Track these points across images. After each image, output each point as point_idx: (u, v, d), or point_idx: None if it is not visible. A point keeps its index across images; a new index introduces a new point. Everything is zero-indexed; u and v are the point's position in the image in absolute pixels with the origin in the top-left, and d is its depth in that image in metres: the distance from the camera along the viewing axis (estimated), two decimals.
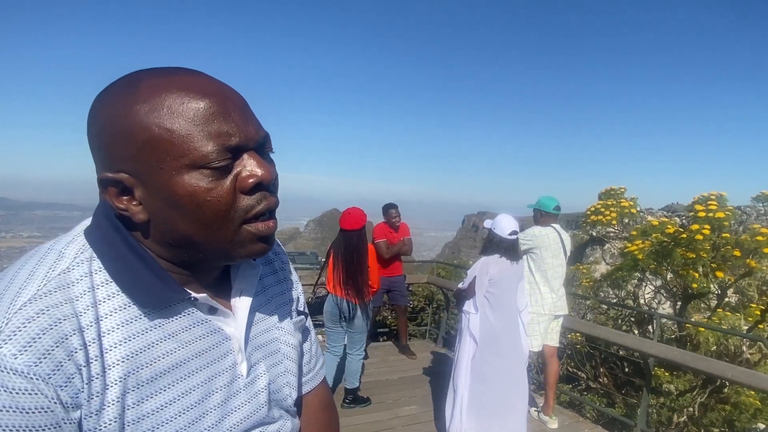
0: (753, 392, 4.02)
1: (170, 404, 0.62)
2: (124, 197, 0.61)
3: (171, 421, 0.62)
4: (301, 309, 0.89)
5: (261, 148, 0.64)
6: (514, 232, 3.21)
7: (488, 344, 3.15)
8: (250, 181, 0.61)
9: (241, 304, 0.73)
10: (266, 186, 0.63)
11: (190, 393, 0.64)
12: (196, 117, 0.58)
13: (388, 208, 5.23)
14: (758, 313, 4.35)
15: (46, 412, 0.53)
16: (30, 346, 0.52)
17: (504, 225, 3.24)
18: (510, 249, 3.20)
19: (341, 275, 3.70)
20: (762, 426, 4.08)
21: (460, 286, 3.38)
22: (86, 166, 0.66)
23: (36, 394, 0.52)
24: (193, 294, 0.65)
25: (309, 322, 0.93)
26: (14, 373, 0.51)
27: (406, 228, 5.38)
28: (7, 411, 0.50)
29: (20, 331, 0.53)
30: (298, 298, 0.88)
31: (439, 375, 4.72)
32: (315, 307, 3.97)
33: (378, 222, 5.32)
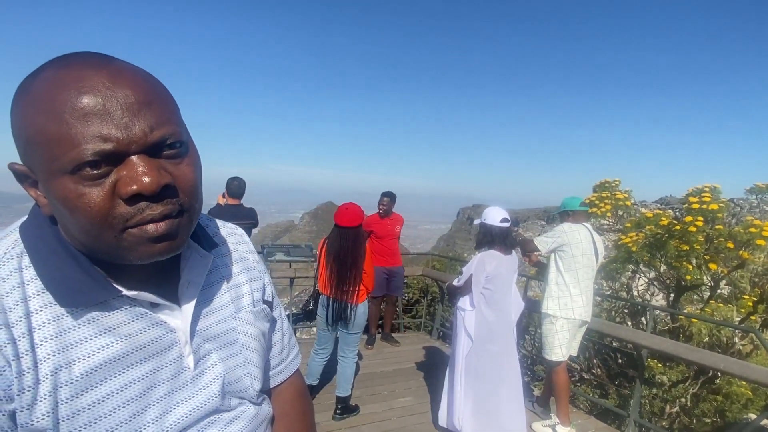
0: (744, 383, 4.06)
1: (108, 398, 0.61)
2: (35, 189, 0.61)
3: (110, 414, 0.61)
4: (268, 299, 0.86)
5: (155, 150, 0.58)
6: (506, 220, 3.20)
7: (483, 341, 3.14)
8: (127, 189, 0.55)
9: (188, 295, 0.71)
10: (149, 196, 0.56)
11: (130, 386, 0.63)
12: (71, 119, 0.53)
13: (381, 196, 5.33)
14: (750, 304, 4.38)
15: None
16: None
17: (494, 214, 3.24)
18: (504, 237, 3.19)
19: (335, 275, 3.51)
20: (753, 416, 4.13)
21: (455, 283, 3.37)
22: None
23: None
24: (125, 291, 0.63)
25: (280, 312, 0.91)
26: None
27: (400, 218, 5.45)
28: None
29: None
30: (263, 287, 0.86)
31: (434, 367, 4.75)
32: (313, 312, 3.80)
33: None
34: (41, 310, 0.59)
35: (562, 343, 3.49)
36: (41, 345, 0.58)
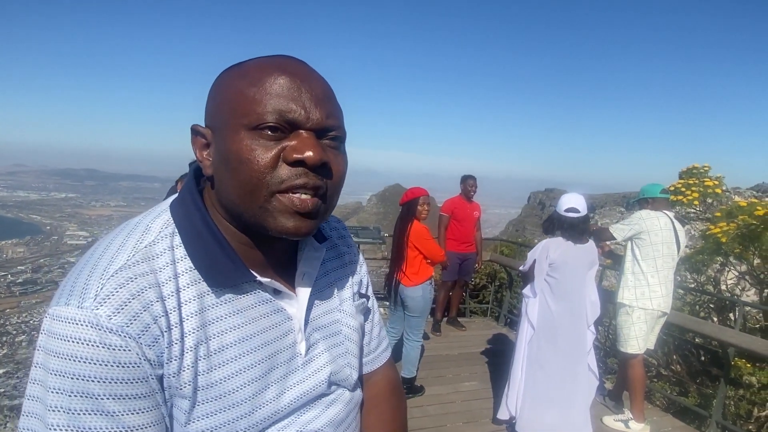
0: None
1: (237, 375, 0.67)
2: (205, 151, 0.69)
3: (237, 390, 0.66)
4: (364, 292, 0.91)
5: (322, 133, 0.66)
6: (573, 210, 3.00)
7: (546, 332, 3.03)
8: (294, 155, 0.63)
9: (304, 286, 0.77)
10: (310, 166, 0.63)
11: (255, 366, 0.68)
12: (270, 88, 0.63)
13: (467, 179, 5.25)
14: None
15: (137, 366, 0.59)
16: (122, 309, 0.59)
17: (562, 202, 3.07)
18: (570, 229, 3.01)
19: (392, 254, 3.73)
20: None
21: (521, 268, 3.29)
22: (166, 140, 0.72)
23: (128, 350, 0.58)
24: (258, 276, 0.69)
25: (372, 303, 0.95)
26: (110, 332, 0.57)
27: (479, 205, 5.38)
28: (107, 364, 0.57)
29: (113, 295, 0.59)
30: (361, 281, 0.91)
31: (499, 353, 4.69)
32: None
33: (443, 196, 5.34)
34: (189, 287, 0.65)
35: (638, 335, 3.34)
36: (187, 319, 0.64)
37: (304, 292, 0.76)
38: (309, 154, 0.63)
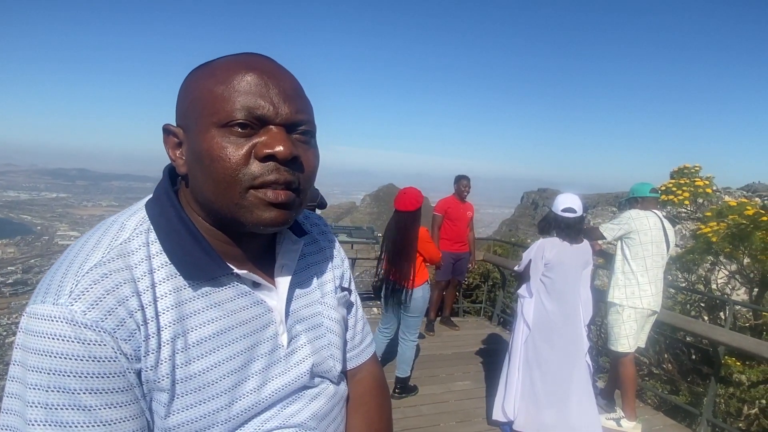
0: None
1: (215, 367, 0.67)
2: (177, 150, 0.70)
3: (216, 382, 0.67)
4: (346, 285, 0.92)
5: (291, 128, 0.67)
6: (569, 209, 3.01)
7: (542, 332, 3.04)
8: (264, 150, 0.64)
9: (283, 278, 0.78)
10: (281, 161, 0.65)
11: (234, 358, 0.69)
12: (238, 86, 0.65)
13: (460, 179, 5.27)
14: None
15: (113, 361, 0.60)
16: (97, 304, 0.59)
17: (559, 201, 3.07)
18: (566, 228, 3.02)
19: (391, 259, 3.61)
20: None
21: (516, 268, 3.29)
22: (159, 140, 0.72)
23: (104, 345, 0.59)
24: (236, 269, 0.70)
25: (354, 298, 0.95)
26: (85, 327, 0.58)
27: (472, 206, 5.40)
28: (83, 359, 0.58)
29: (88, 291, 0.60)
30: (343, 274, 0.92)
31: (493, 353, 4.71)
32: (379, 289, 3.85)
33: (437, 196, 5.35)
34: (164, 282, 0.66)
35: (629, 334, 3.37)
36: (164, 313, 0.65)
37: (283, 285, 0.77)
38: (279, 148, 0.64)
